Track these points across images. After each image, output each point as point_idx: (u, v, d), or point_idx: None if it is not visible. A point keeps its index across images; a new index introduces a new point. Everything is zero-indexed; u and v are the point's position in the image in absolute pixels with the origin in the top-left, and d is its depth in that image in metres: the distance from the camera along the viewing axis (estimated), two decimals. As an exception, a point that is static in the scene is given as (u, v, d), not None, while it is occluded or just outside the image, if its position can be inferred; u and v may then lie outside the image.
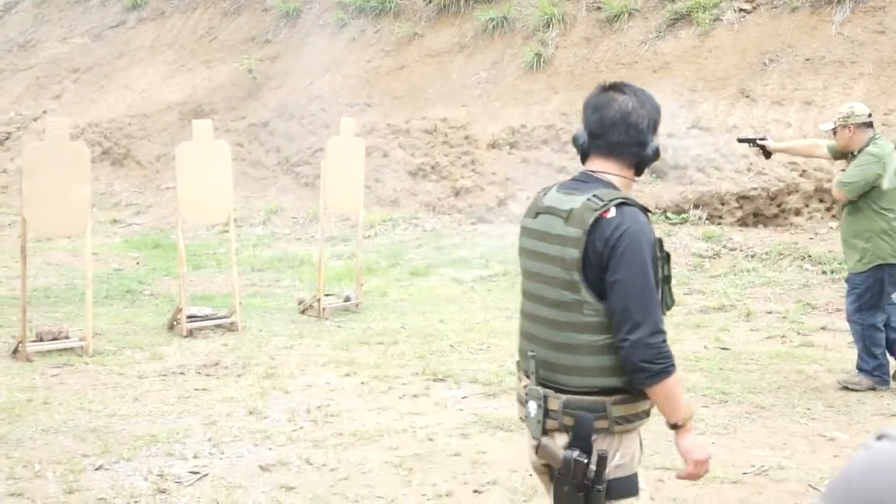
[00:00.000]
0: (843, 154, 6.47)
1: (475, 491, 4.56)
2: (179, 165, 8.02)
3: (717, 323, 8.37)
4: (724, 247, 10.45)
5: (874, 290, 6.19)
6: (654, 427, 5.46)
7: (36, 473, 4.74)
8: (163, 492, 4.52)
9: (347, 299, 9.08)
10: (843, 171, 6.31)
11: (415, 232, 12.53)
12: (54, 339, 7.33)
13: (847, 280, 6.52)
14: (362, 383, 6.47)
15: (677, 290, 9.40)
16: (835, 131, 6.35)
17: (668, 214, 11.29)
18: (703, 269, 10.09)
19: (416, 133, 13.84)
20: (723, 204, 11.19)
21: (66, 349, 7.24)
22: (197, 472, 4.77)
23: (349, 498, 4.48)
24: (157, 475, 4.72)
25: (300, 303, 9.06)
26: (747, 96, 11.84)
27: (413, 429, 5.49)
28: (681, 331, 8.12)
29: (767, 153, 6.94)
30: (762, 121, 11.40)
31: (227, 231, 9.99)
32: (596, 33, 13.68)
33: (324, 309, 8.71)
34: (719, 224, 11.05)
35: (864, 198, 6.12)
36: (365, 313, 8.91)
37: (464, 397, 6.14)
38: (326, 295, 8.99)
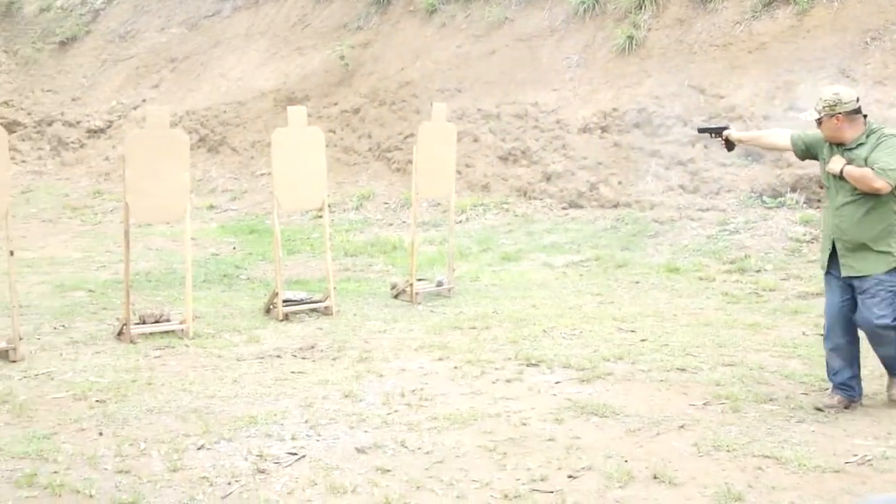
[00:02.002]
0: (809, 154, 5.81)
1: (569, 476, 4.55)
2: (275, 152, 8.14)
3: (815, 309, 8.17)
4: (823, 231, 10.19)
5: None
6: (750, 414, 5.40)
7: (142, 451, 4.89)
8: (262, 472, 4.63)
9: (440, 284, 9.14)
10: (851, 162, 5.43)
11: (506, 217, 12.53)
12: (156, 322, 7.55)
13: (862, 284, 5.39)
14: (455, 368, 6.51)
15: (774, 276, 9.27)
16: (819, 122, 5.55)
17: (765, 198, 11.06)
18: (801, 254, 9.88)
19: (506, 118, 13.82)
20: (821, 187, 10.90)
21: (167, 332, 7.44)
22: (295, 454, 4.87)
23: (444, 481, 4.51)
24: (257, 455, 4.82)
25: (393, 287, 9.15)
26: (847, 76, 11.49)
27: (507, 413, 5.51)
28: (778, 317, 7.98)
29: (730, 144, 6.35)
30: (864, 101, 11.05)
31: (320, 216, 10.13)
32: (689, 14, 13.43)
33: (416, 293, 8.79)
34: (817, 208, 10.78)
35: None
36: (457, 298, 8.96)
37: (557, 382, 6.13)
38: (419, 280, 9.06)
